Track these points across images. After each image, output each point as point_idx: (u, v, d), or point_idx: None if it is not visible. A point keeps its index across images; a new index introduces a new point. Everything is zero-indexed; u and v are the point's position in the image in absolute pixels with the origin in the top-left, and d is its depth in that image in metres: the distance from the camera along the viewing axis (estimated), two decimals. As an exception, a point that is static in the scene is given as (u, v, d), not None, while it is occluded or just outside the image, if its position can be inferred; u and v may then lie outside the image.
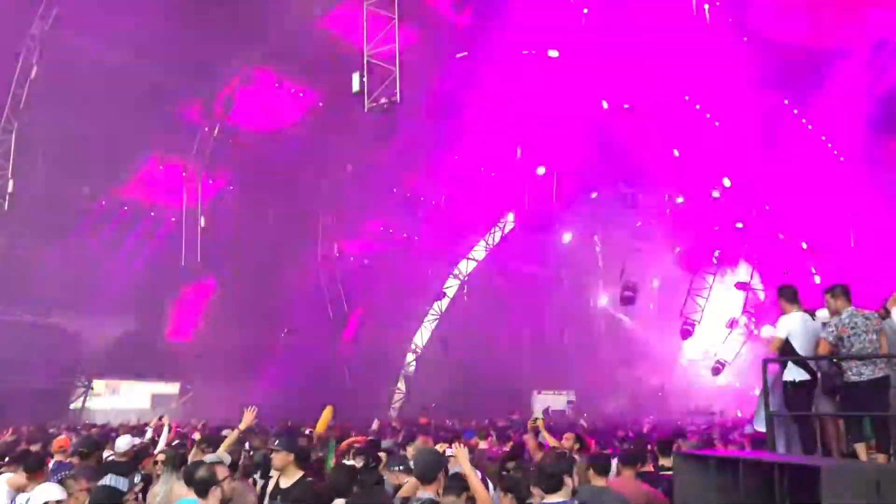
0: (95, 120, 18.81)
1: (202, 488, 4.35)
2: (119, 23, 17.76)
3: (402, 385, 33.07)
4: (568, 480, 4.53)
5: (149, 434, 11.89)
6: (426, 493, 4.69)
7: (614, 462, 6.23)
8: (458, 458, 5.06)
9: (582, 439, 8.32)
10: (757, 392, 9.10)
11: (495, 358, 30.51)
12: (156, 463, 6.72)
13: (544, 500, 4.43)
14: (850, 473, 4.39)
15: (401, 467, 5.94)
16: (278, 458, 5.65)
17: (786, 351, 6.78)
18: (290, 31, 19.66)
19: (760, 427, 7.17)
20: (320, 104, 22.92)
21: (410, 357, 33.80)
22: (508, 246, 33.38)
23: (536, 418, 11.42)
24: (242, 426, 6.98)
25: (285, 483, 5.62)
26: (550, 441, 7.91)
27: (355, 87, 13.65)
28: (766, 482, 4.50)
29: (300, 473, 5.68)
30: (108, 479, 4.84)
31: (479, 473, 5.44)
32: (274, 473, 5.92)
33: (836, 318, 6.61)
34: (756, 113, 21.38)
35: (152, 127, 20.42)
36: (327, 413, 13.29)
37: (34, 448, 9.51)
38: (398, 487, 5.64)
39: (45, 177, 19.28)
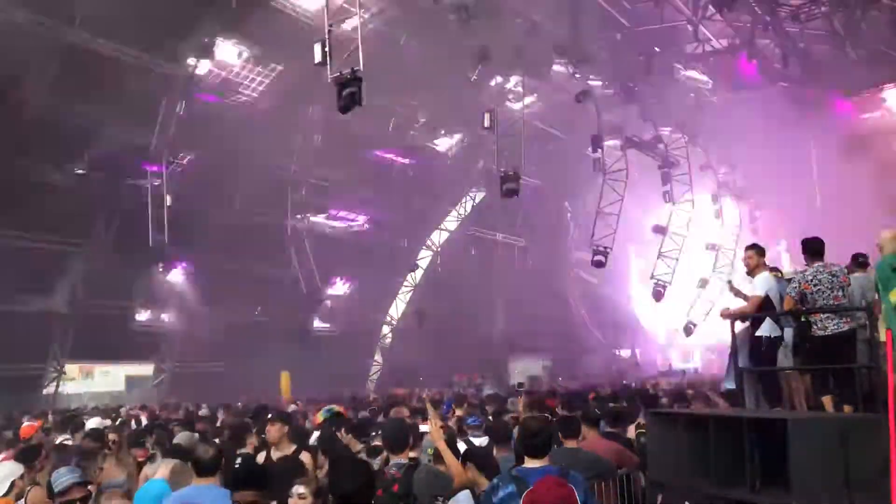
0: (58, 98, 18.33)
1: (207, 468, 4.16)
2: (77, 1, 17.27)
3: (378, 357, 33.17)
4: None
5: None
6: (398, 459, 4.86)
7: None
8: (433, 435, 5.13)
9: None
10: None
11: (470, 326, 30.68)
12: (114, 443, 6.59)
13: (527, 465, 4.45)
14: (817, 425, 4.49)
15: None
16: (274, 431, 5.77)
17: (766, 308, 6.80)
18: (253, 2, 19.22)
19: (731, 385, 7.29)
20: (285, 75, 22.46)
21: (386, 329, 33.85)
22: (480, 214, 33.34)
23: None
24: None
25: (277, 455, 5.70)
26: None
27: (317, 57, 13.32)
28: (736, 437, 4.58)
29: (293, 447, 5.77)
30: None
31: None
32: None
33: (800, 275, 6.64)
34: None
35: (116, 103, 19.89)
36: (285, 378, 13.40)
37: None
38: None
39: (3, 157, 18.76)
